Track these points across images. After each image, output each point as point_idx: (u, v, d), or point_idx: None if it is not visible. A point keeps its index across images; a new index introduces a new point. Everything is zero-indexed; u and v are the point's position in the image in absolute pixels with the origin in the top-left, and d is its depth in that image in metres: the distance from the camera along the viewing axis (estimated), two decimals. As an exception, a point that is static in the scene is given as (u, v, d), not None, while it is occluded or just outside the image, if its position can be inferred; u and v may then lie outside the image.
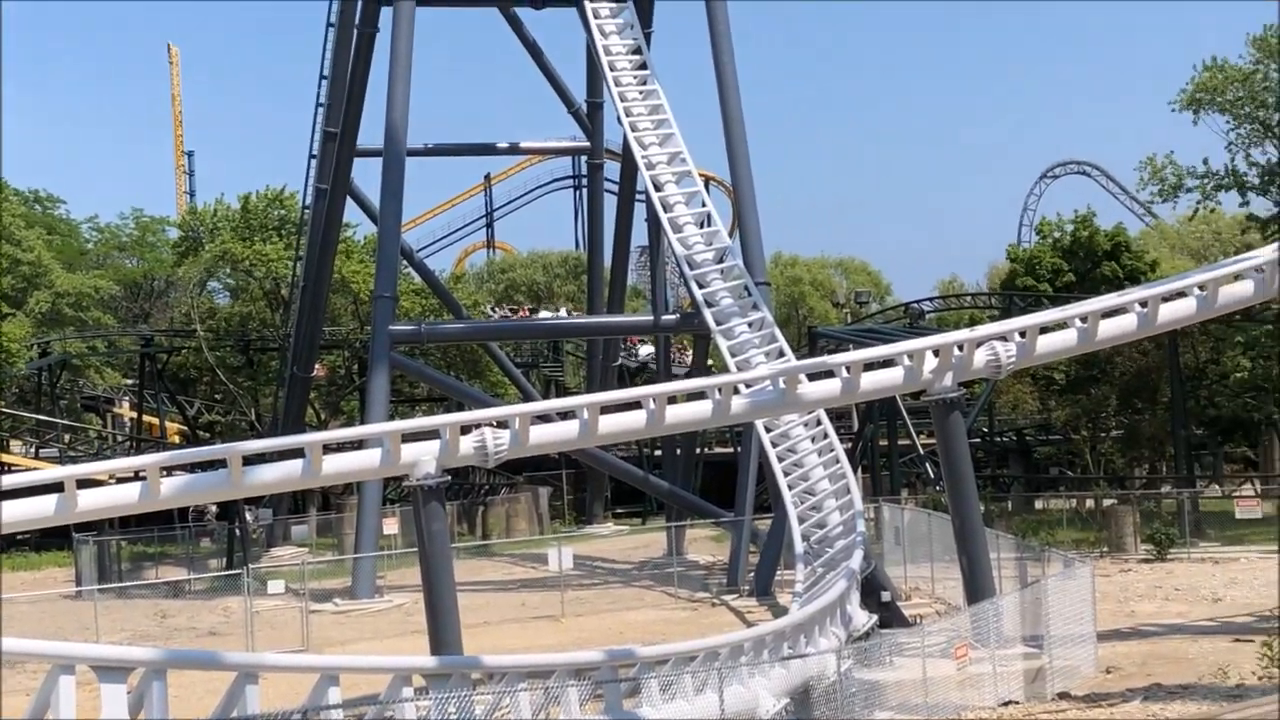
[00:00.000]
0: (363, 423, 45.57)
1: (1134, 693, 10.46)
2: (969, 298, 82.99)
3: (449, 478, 26.69)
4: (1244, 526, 48.41)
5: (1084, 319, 30.05)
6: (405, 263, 59.20)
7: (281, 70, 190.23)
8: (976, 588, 28.60)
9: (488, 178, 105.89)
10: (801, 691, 24.29)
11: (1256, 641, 12.86)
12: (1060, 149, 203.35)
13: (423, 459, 26.04)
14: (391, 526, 48.08)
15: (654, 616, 37.97)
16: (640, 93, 45.11)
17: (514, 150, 68.91)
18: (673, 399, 29.25)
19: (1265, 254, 31.99)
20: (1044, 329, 30.22)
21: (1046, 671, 25.53)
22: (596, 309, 60.61)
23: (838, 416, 54.67)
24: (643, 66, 45.63)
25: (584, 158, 72.61)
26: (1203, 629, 31.38)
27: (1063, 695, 13.28)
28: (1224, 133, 59.77)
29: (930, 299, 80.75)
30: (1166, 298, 30.61)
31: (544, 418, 30.05)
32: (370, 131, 52.66)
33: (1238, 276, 30.96)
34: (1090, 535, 48.97)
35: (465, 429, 26.78)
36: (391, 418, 48.47)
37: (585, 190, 76.56)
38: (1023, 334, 29.83)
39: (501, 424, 27.27)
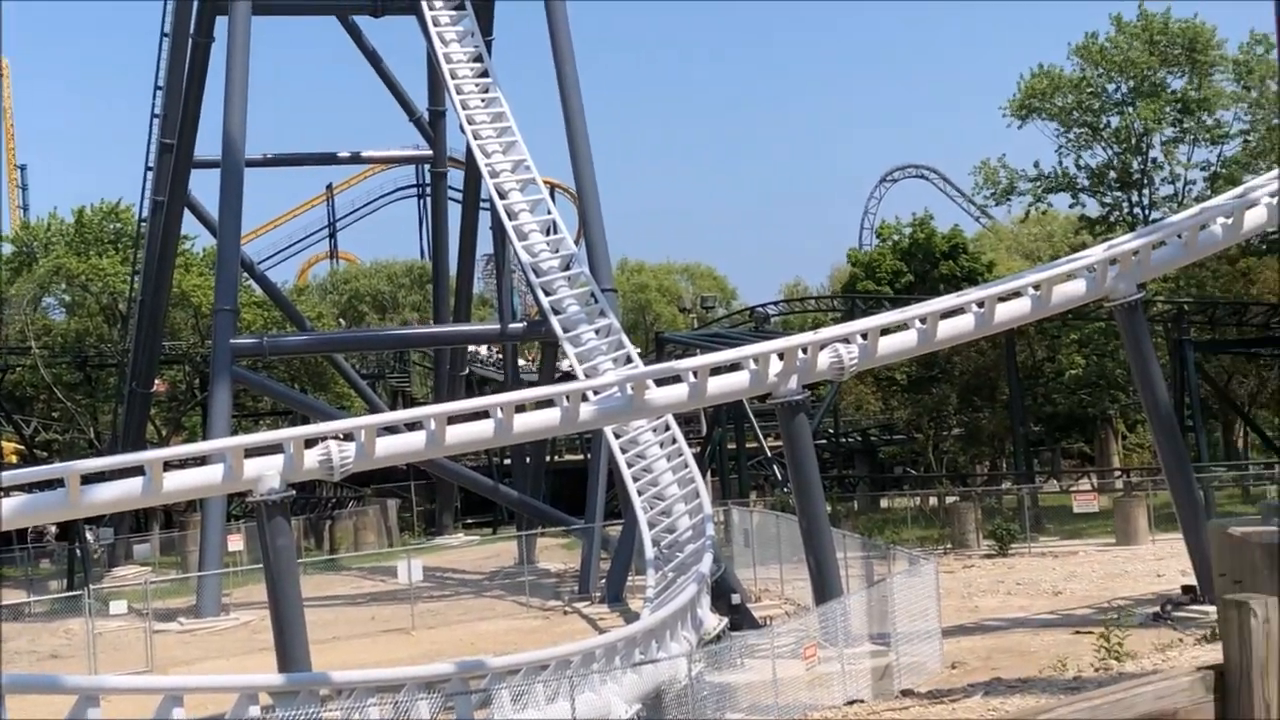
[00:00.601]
0: (205, 438, 44.80)
1: (975, 687, 10.69)
2: (813, 301, 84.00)
3: (294, 492, 26.38)
4: (1082, 520, 49.57)
5: (923, 320, 30.57)
6: (246, 275, 58.40)
7: (118, 80, 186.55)
8: (824, 588, 28.93)
9: (330, 187, 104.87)
10: (653, 696, 24.36)
11: (1095, 633, 13.20)
12: (899, 153, 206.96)
13: (266, 474, 25.67)
14: (236, 543, 47.38)
15: (506, 626, 37.82)
16: (482, 100, 44.99)
17: (355, 159, 68.35)
18: (521, 407, 29.16)
19: (1096, 254, 32.89)
20: (885, 330, 30.69)
21: (894, 669, 25.90)
22: (442, 318, 60.31)
23: (686, 421, 55.02)
24: (484, 74, 45.54)
25: (427, 166, 72.08)
26: (1044, 622, 32.06)
27: (906, 692, 13.51)
28: (1054, 136, 61.37)
29: (775, 303, 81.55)
30: (1003, 298, 31.28)
31: (390, 429, 29.82)
32: (208, 142, 51.92)
33: (1070, 276, 31.80)
34: (934, 532, 49.77)
35: (310, 442, 26.45)
36: (235, 432, 47.78)
37: (429, 199, 76.15)
38: (864, 336, 30.25)
39: (347, 436, 26.98)
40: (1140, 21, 59.71)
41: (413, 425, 29.31)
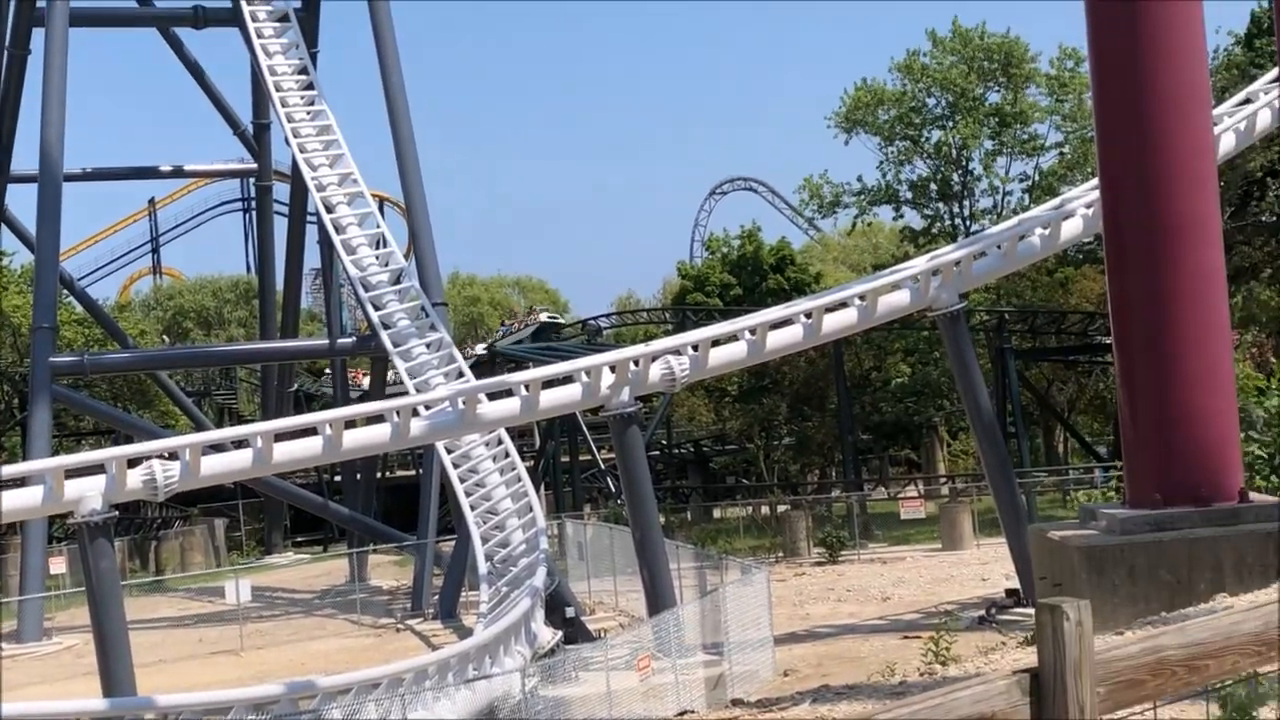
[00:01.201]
0: (25, 459, 43.60)
1: (804, 695, 10.80)
2: (644, 314, 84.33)
3: (117, 513, 25.83)
4: (909, 526, 50.42)
5: (753, 331, 30.90)
6: (66, 291, 57.01)
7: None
8: (658, 599, 29.06)
9: (152, 202, 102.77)
10: (488, 712, 24.24)
11: (922, 638, 13.45)
12: (728, 166, 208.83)
13: (88, 495, 25.08)
14: (59, 565, 46.16)
15: (337, 645, 37.34)
16: (308, 113, 44.51)
17: (178, 173, 67.15)
18: (350, 423, 28.88)
19: (919, 264, 33.52)
20: (716, 342, 30.98)
21: (727, 678, 26.06)
22: (269, 334, 59.42)
23: (519, 434, 54.88)
24: (309, 86, 45.07)
25: (252, 180, 71.00)
26: (873, 628, 32.51)
27: (736, 701, 13.63)
28: (877, 150, 62.56)
29: (607, 315, 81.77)
30: (830, 308, 31.75)
31: (217, 447, 29.31)
32: (25, 156, 50.63)
33: (895, 287, 32.37)
34: (766, 541, 50.20)
35: (133, 462, 25.91)
36: (56, 453, 46.58)
37: (255, 213, 75.02)
38: (695, 347, 30.49)
39: (171, 455, 26.51)
40: (955, 39, 61.11)
41: (240, 443, 28.85)
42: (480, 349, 69.64)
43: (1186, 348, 13.69)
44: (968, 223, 62.37)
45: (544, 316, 60.16)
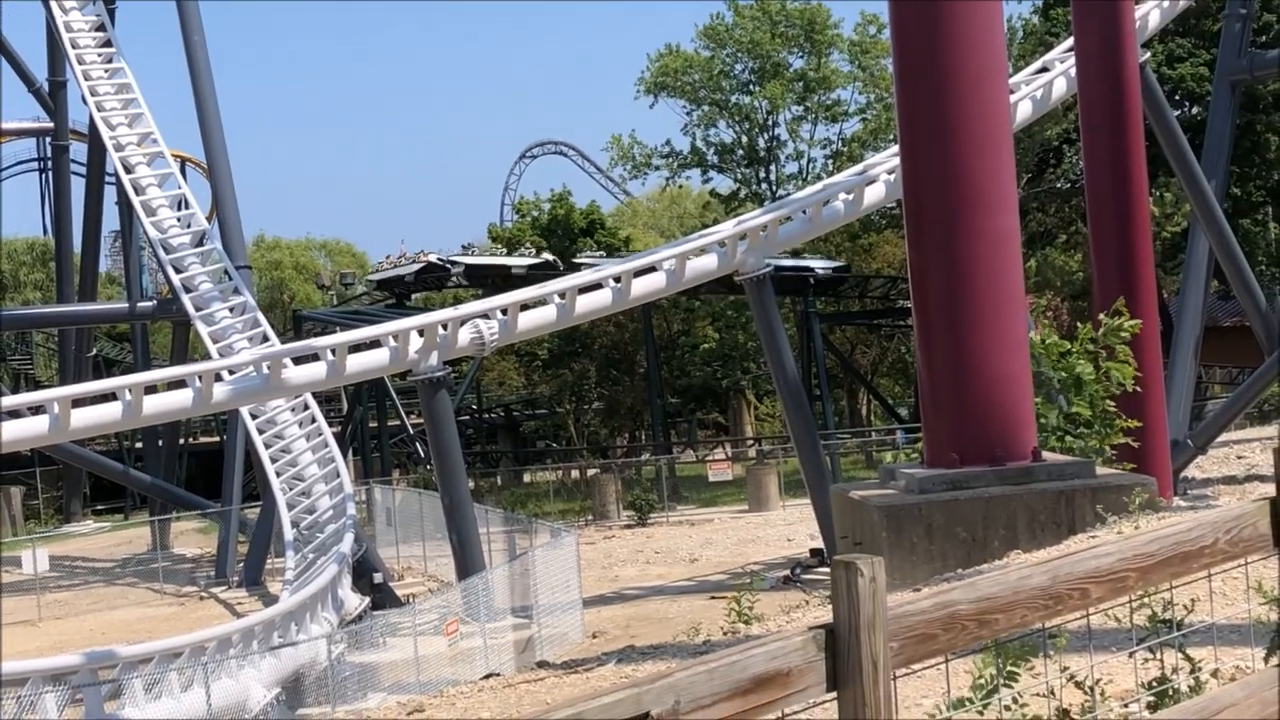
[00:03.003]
0: None
1: (609, 655, 10.89)
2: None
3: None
4: (717, 489, 51.05)
5: (562, 295, 30.95)
6: None
7: None
8: (466, 563, 29.04)
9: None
10: (293, 679, 24.01)
11: (728, 598, 13.65)
12: (539, 129, 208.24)
13: (-127, 464, 24.21)
14: None
15: (139, 614, 36.64)
16: (106, 70, 43.36)
17: (-31, 131, 64.69)
18: (152, 388, 28.28)
19: (726, 229, 33.87)
20: (525, 306, 30.95)
21: (536, 641, 26.19)
22: (66, 297, 57.73)
23: (326, 400, 54.24)
24: (108, 43, 43.90)
25: (48, 139, 68.78)
26: (681, 589, 32.89)
27: (542, 664, 13.66)
28: (683, 114, 62.95)
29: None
30: (639, 272, 31.90)
31: (13, 413, 28.47)
32: None
33: (703, 251, 32.66)
34: (576, 505, 50.43)
35: (-79, 429, 25.05)
36: None
37: (51, 173, 72.64)
38: (505, 311, 30.44)
39: (-38, 422, 25.67)
40: (757, 4, 61.68)
41: (36, 409, 28.07)
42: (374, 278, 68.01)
43: (982, 312, 14.02)
44: (774, 188, 63.09)
45: (434, 258, 58.88)
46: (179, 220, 41.31)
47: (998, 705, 4.90)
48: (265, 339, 37.93)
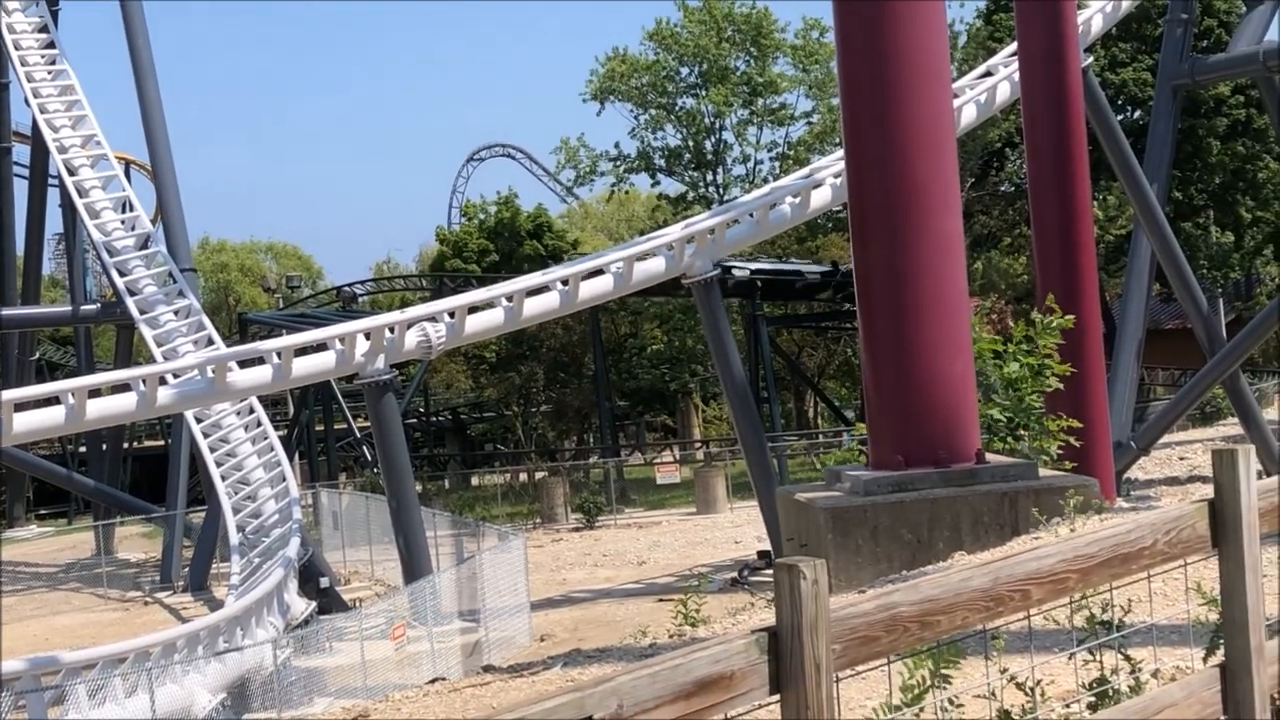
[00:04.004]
0: None
1: (556, 659, 10.89)
2: (400, 280, 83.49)
3: None
4: (665, 491, 51.09)
5: (510, 298, 30.91)
6: None
7: None
8: (414, 567, 28.96)
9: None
10: (239, 685, 23.88)
11: (676, 600, 13.67)
12: (487, 133, 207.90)
13: None
14: None
15: (83, 620, 36.33)
16: (49, 73, 43.08)
17: (-91, 133, 63.93)
18: (96, 392, 28.07)
19: (673, 232, 33.91)
20: (473, 309, 30.91)
21: (484, 644, 26.14)
22: (9, 301, 57.19)
23: (273, 403, 53.96)
24: (51, 45, 43.63)
25: (-10, 141, 68.18)
26: (628, 591, 32.90)
27: (488, 668, 13.65)
28: (631, 118, 63.03)
29: (362, 282, 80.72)
30: (586, 275, 31.90)
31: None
32: None
33: (650, 254, 32.69)
34: (524, 508, 50.35)
35: None
36: None
37: (-7, 175, 71.87)
38: (452, 314, 30.39)
39: (-98, 427, 25.40)
40: (704, 7, 61.85)
41: (-24, 414, 27.78)
42: None
43: (926, 314, 14.09)
44: (721, 191, 63.23)
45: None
46: (123, 223, 41.09)
47: (934, 707, 4.93)
48: (210, 342, 37.71)
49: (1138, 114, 56.06)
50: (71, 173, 41.64)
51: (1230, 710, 5.25)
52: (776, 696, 3.84)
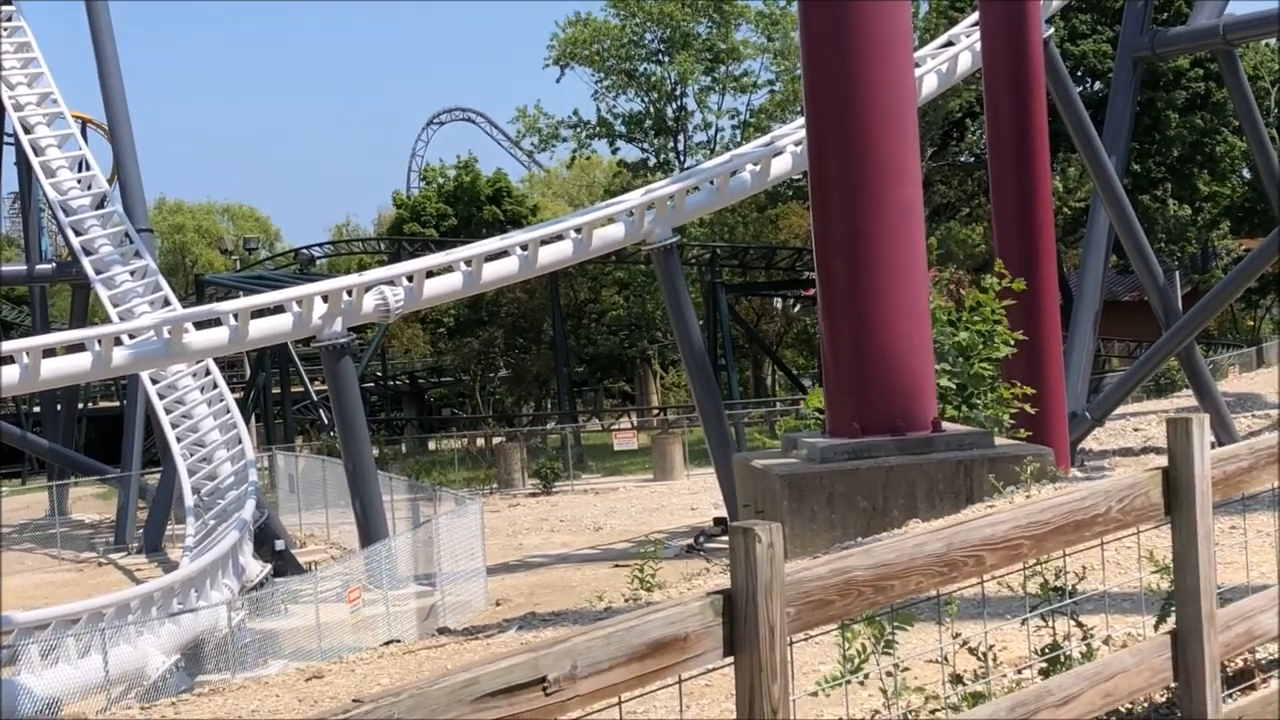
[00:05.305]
0: None
1: (510, 622, 10.92)
2: (359, 243, 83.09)
3: None
4: (622, 457, 51.15)
5: (469, 263, 30.83)
6: None
7: None
8: (370, 531, 28.91)
9: None
10: (193, 646, 23.82)
11: (632, 566, 13.71)
12: (448, 97, 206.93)
13: None
14: None
15: (36, 580, 36.15)
16: (5, 29, 42.55)
17: None
18: (50, 352, 27.88)
19: (633, 198, 33.87)
20: (431, 273, 30.81)
21: (439, 608, 26.14)
22: (-37, 259, 56.84)
23: (229, 365, 53.70)
24: (7, 2, 43.09)
25: (-57, 97, 67.48)
26: (585, 557, 32.96)
27: (443, 631, 13.66)
28: (592, 83, 62.78)
29: (320, 244, 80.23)
30: (546, 240, 31.84)
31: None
32: None
33: (610, 220, 32.65)
34: (481, 473, 50.33)
35: None
36: None
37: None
38: (410, 278, 30.27)
39: None
40: None
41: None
42: None
43: (884, 284, 14.12)
44: (682, 157, 63.12)
45: None
46: (79, 182, 40.77)
47: (879, 674, 4.95)
48: (167, 303, 37.50)
49: (1098, 86, 56.21)
50: (28, 131, 41.31)
51: (1181, 677, 5.30)
52: (730, 659, 3.85)
